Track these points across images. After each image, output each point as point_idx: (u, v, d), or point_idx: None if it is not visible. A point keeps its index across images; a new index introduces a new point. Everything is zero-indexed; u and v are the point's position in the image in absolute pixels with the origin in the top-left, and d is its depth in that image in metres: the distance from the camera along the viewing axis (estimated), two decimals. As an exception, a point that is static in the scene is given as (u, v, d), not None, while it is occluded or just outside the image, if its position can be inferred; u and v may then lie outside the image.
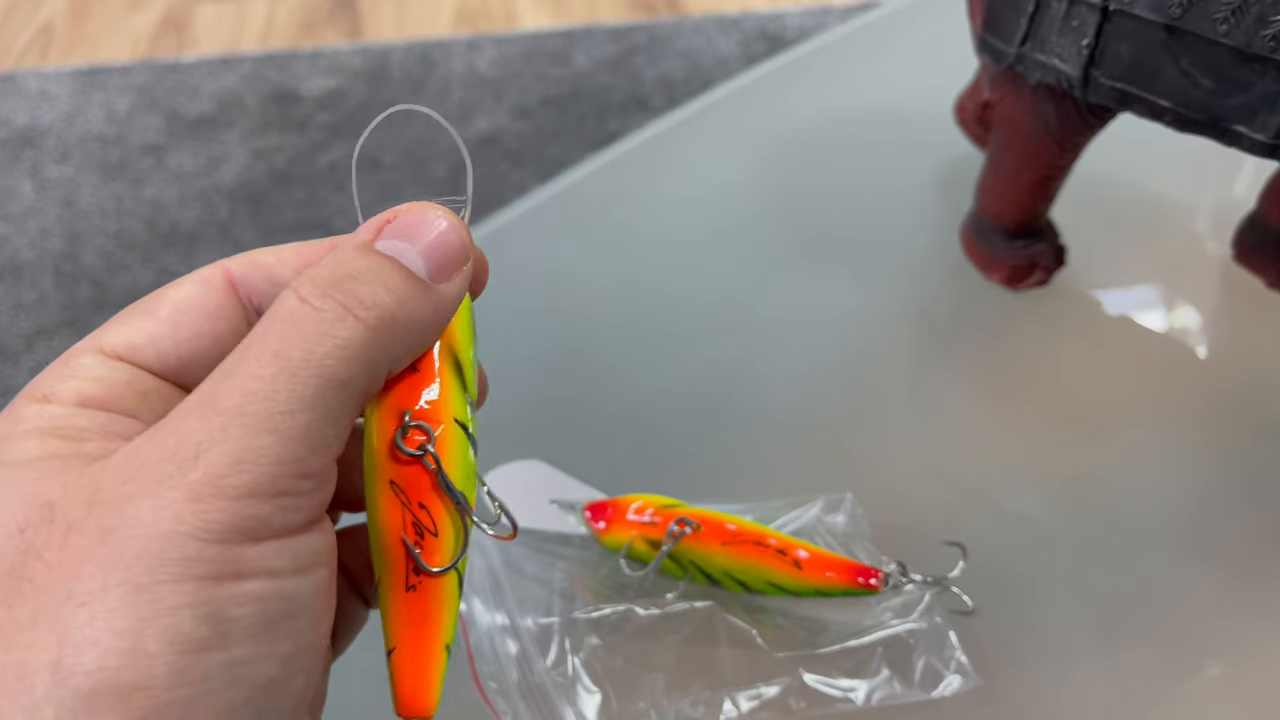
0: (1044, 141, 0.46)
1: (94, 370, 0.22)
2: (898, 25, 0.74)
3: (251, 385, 0.20)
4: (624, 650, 0.39)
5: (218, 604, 0.19)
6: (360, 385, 0.21)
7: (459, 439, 0.24)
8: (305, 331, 0.20)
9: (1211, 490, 0.47)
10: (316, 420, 0.20)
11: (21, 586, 0.18)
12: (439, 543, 0.24)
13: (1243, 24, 0.38)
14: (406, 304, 0.22)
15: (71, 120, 1.57)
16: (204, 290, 0.24)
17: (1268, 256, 0.51)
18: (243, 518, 0.19)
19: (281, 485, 0.20)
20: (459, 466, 0.24)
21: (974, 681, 0.39)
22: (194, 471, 0.19)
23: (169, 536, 0.18)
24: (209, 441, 0.19)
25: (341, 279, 0.21)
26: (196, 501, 0.19)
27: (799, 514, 0.43)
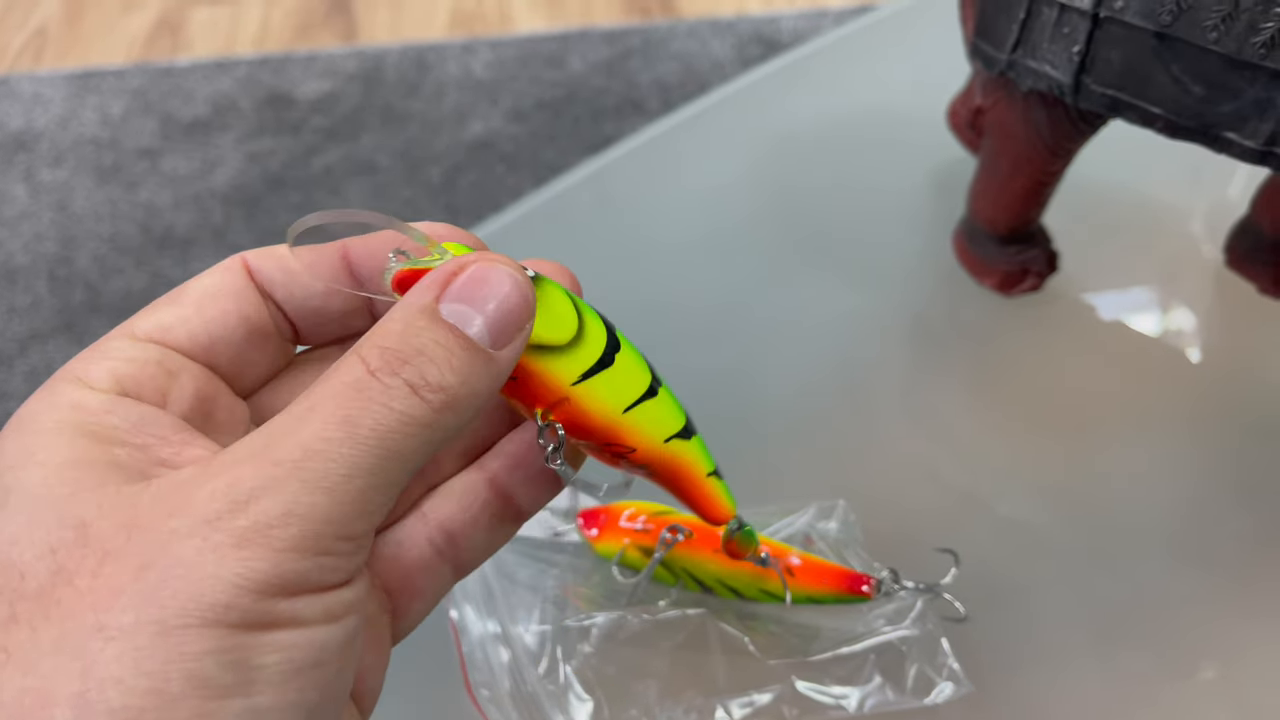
0: (1036, 147, 0.46)
1: (126, 352, 0.23)
2: (892, 29, 0.74)
3: (315, 445, 0.20)
4: (616, 658, 0.39)
5: (246, 651, 0.19)
6: (417, 459, 0.21)
7: (591, 388, 0.26)
8: (372, 403, 0.21)
9: (1205, 494, 0.47)
10: (370, 488, 0.20)
11: (49, 610, 0.18)
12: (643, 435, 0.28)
13: (1233, 31, 0.38)
14: (469, 381, 0.22)
15: (65, 124, 1.57)
16: (225, 276, 0.24)
17: (1260, 262, 0.51)
18: (284, 570, 0.19)
19: (325, 544, 0.20)
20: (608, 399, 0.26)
21: (966, 688, 0.39)
22: (243, 518, 0.19)
23: (208, 580, 0.18)
24: (263, 490, 0.19)
25: (409, 355, 0.21)
26: (241, 548, 0.19)
27: (791, 520, 0.43)
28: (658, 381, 0.28)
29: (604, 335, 0.27)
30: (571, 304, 0.26)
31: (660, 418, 0.28)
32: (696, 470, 0.30)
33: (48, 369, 1.27)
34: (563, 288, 0.26)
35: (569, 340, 0.26)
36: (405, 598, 0.27)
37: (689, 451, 0.29)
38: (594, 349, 0.26)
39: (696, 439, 0.30)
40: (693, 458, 0.29)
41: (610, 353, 0.27)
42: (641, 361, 0.28)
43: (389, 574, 0.26)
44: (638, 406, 0.27)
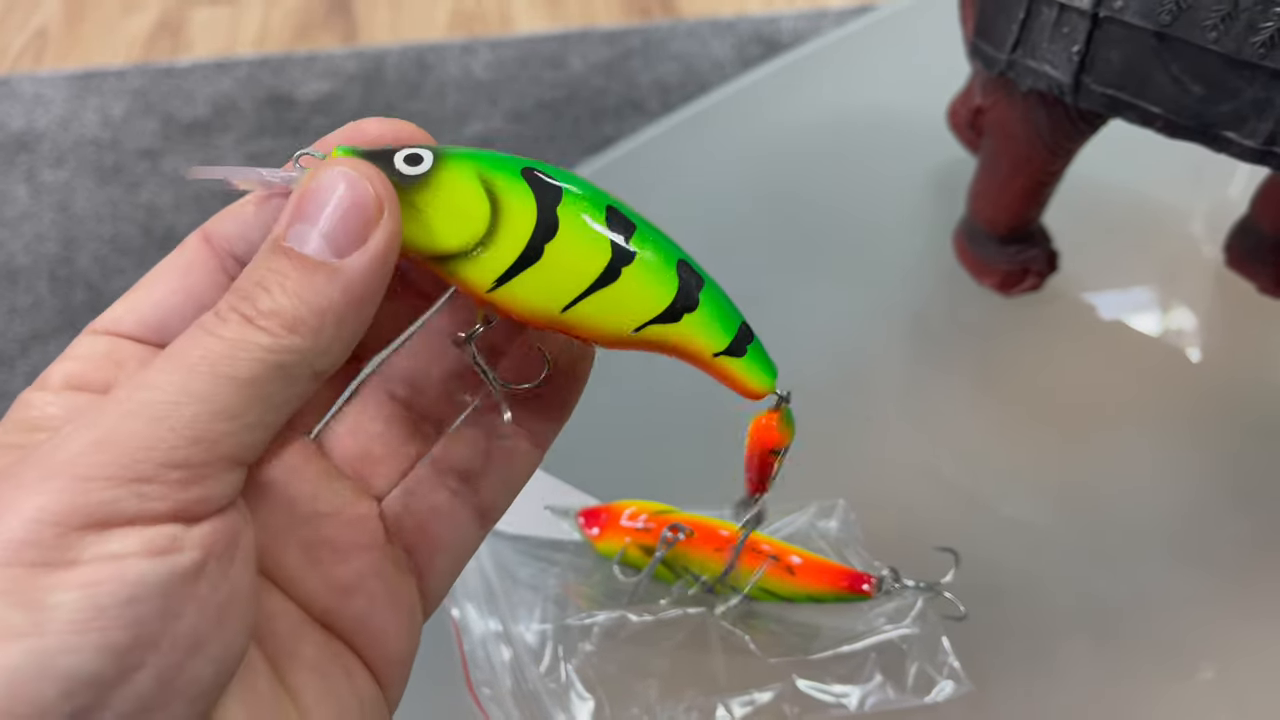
0: (1035, 147, 0.46)
1: (79, 350, 0.23)
2: (891, 29, 0.74)
3: (145, 379, 0.20)
4: (617, 657, 0.39)
5: (39, 591, 0.18)
6: (269, 386, 0.20)
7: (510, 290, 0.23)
8: (206, 339, 0.20)
9: (1205, 494, 0.47)
10: (205, 414, 0.19)
11: None
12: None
13: (1232, 31, 0.38)
14: (309, 300, 0.21)
15: (66, 124, 1.57)
16: (178, 254, 0.24)
17: (1260, 261, 0.51)
18: (90, 500, 0.18)
19: (143, 471, 0.19)
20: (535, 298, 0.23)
21: (967, 687, 0.39)
22: (58, 453, 0.19)
23: (22, 522, 0.18)
24: (84, 426, 0.19)
25: (247, 290, 0.21)
26: (45, 481, 0.18)
27: (792, 519, 0.43)
28: (626, 259, 0.23)
29: (529, 226, 0.23)
30: (485, 198, 0.23)
31: (623, 306, 0.23)
32: (698, 354, 0.25)
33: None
34: (483, 177, 0.23)
35: (471, 244, 0.23)
36: (426, 553, 0.26)
37: (679, 334, 0.24)
38: (511, 247, 0.23)
39: (691, 317, 0.24)
40: (686, 340, 0.24)
41: (538, 245, 0.23)
42: (596, 243, 0.23)
43: (402, 529, 0.26)
44: (584, 299, 0.23)
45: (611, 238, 0.23)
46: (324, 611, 0.24)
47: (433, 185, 0.23)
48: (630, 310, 0.24)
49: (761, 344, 0.26)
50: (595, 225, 0.23)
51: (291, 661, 0.23)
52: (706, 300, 0.24)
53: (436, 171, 0.23)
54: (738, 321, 0.25)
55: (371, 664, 0.24)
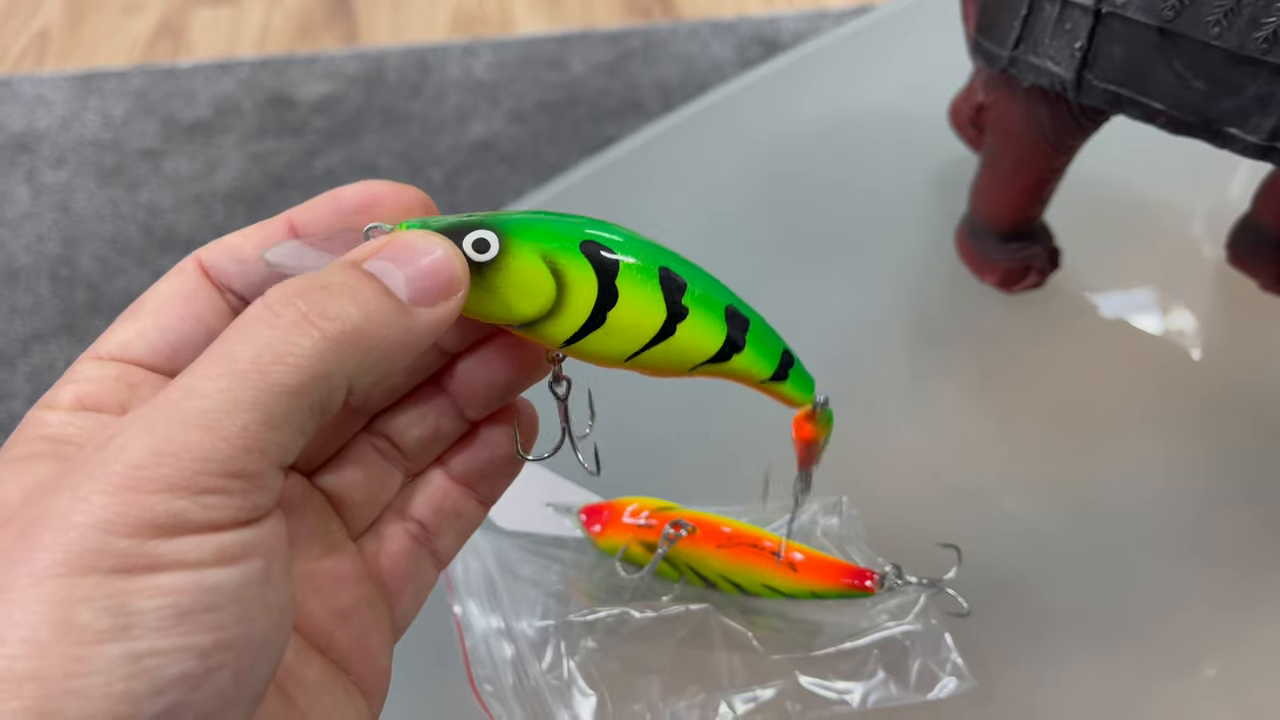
0: (1038, 144, 0.46)
1: (88, 373, 0.23)
2: (892, 29, 0.74)
3: (194, 384, 0.20)
4: (620, 653, 0.39)
5: (123, 596, 0.18)
6: (314, 395, 0.21)
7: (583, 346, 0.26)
8: (259, 336, 0.21)
9: (1207, 490, 0.47)
10: (255, 423, 0.20)
11: None
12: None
13: (1235, 26, 0.38)
14: (374, 320, 0.22)
15: (67, 125, 1.57)
16: (180, 280, 0.25)
17: (1262, 259, 0.51)
18: (157, 512, 0.19)
19: (205, 482, 0.19)
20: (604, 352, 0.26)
21: (970, 683, 0.39)
22: (116, 463, 0.19)
23: (76, 529, 0.19)
24: (136, 434, 0.19)
25: (312, 289, 0.21)
26: (110, 494, 0.19)
27: (795, 516, 0.43)
28: (680, 316, 0.27)
29: (591, 299, 0.26)
30: (550, 276, 0.25)
31: (679, 354, 0.27)
32: (748, 381, 0.29)
33: (50, 369, 1.27)
34: (548, 258, 0.25)
35: (544, 311, 0.25)
36: (396, 585, 0.28)
37: (730, 370, 0.28)
38: (576, 315, 0.26)
39: (740, 357, 0.28)
40: (737, 373, 0.28)
41: (600, 313, 0.26)
42: (653, 306, 0.26)
43: (377, 565, 0.28)
44: (649, 351, 0.27)
45: (666, 299, 0.26)
46: (325, 636, 0.26)
47: (502, 267, 0.25)
48: (685, 357, 0.27)
49: (801, 364, 0.29)
50: (651, 292, 0.26)
51: (298, 684, 0.24)
52: (752, 340, 0.28)
53: (504, 255, 0.25)
54: (779, 351, 0.29)
55: (362, 683, 0.26)
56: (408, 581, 0.28)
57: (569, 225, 0.26)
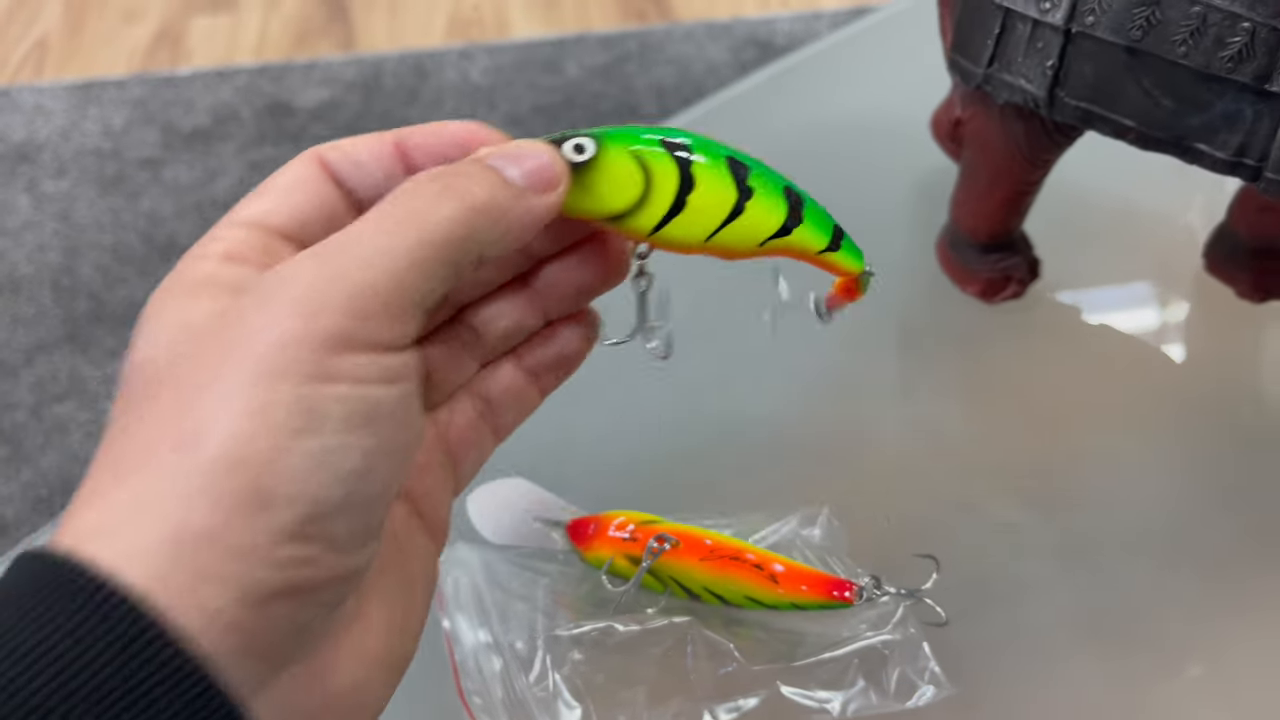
0: (1014, 159, 0.47)
1: (231, 235, 0.27)
2: (886, 34, 0.74)
3: (357, 231, 0.25)
4: (605, 665, 0.40)
5: (312, 400, 0.23)
6: (451, 253, 0.26)
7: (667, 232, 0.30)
8: (409, 202, 0.26)
9: (1188, 496, 0.48)
10: (406, 267, 0.25)
11: (167, 383, 0.24)
12: None
13: (1201, 45, 0.39)
14: (498, 198, 0.27)
15: (67, 135, 1.58)
16: (302, 168, 0.29)
17: (1238, 267, 0.52)
18: (333, 328, 0.23)
19: (370, 308, 0.24)
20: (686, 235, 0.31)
21: (948, 691, 0.40)
22: (297, 289, 0.24)
23: (276, 344, 0.23)
24: (315, 268, 0.24)
25: (448, 173, 0.27)
26: (296, 316, 0.23)
27: (777, 528, 0.44)
28: (747, 196, 0.31)
29: (674, 187, 0.30)
30: (639, 169, 0.30)
31: (749, 231, 0.31)
32: (808, 252, 0.32)
33: (53, 379, 1.28)
34: (635, 155, 0.30)
35: (631, 205, 0.30)
36: (461, 451, 0.32)
37: (792, 243, 0.32)
38: (662, 203, 0.30)
39: (800, 229, 0.32)
40: (800, 246, 0.32)
41: (682, 199, 0.30)
42: (725, 189, 0.31)
43: (447, 433, 0.32)
44: (723, 231, 0.31)
45: (735, 182, 0.31)
46: (407, 484, 0.30)
47: (599, 166, 0.30)
48: (755, 233, 0.31)
49: (850, 237, 0.33)
50: (722, 176, 0.31)
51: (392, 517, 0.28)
52: (808, 215, 0.32)
53: (600, 155, 0.30)
54: (831, 225, 0.33)
55: (429, 528, 0.30)
56: (471, 449, 0.32)
57: (649, 129, 0.31)
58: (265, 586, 0.22)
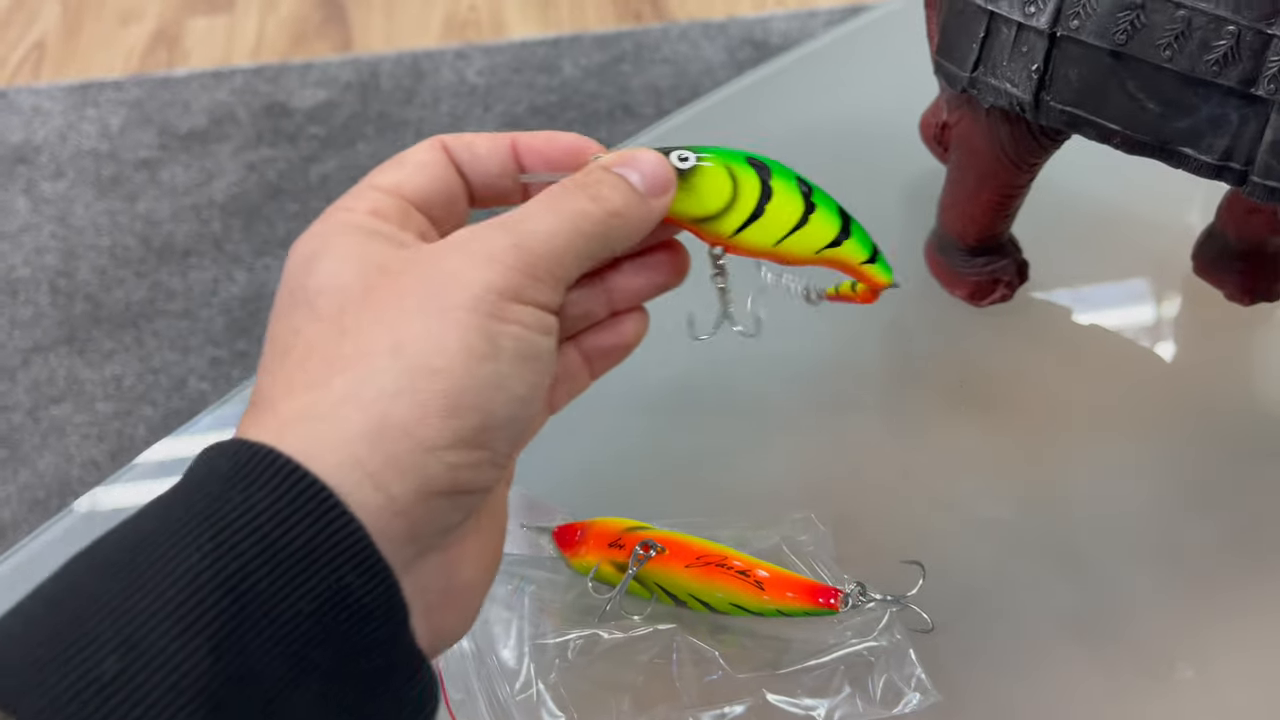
0: (1000, 162, 0.47)
1: (373, 196, 0.32)
2: (880, 34, 0.74)
3: (529, 210, 0.31)
4: (590, 674, 0.40)
5: (493, 333, 0.28)
6: (590, 247, 0.31)
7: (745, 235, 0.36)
8: (573, 199, 0.31)
9: (1173, 499, 0.48)
10: (564, 249, 0.30)
11: (365, 306, 0.28)
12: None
13: (1186, 49, 0.39)
14: (629, 206, 0.32)
15: (65, 136, 1.58)
16: (433, 152, 0.33)
17: (1225, 269, 0.52)
18: (511, 282, 0.29)
19: (537, 272, 0.29)
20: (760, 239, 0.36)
21: (934, 698, 0.39)
22: (484, 247, 0.29)
23: (467, 284, 0.28)
24: (501, 235, 0.30)
25: (590, 182, 0.32)
26: (486, 267, 0.28)
27: (763, 534, 0.44)
28: (811, 210, 0.36)
29: (756, 196, 0.36)
30: (729, 179, 0.35)
31: (810, 239, 0.37)
32: (851, 262, 0.37)
33: (50, 381, 1.28)
34: (726, 167, 0.35)
35: (721, 209, 0.35)
36: (567, 382, 0.36)
37: (841, 253, 0.37)
38: (745, 208, 0.36)
39: (849, 242, 0.37)
40: (846, 256, 0.37)
41: (761, 206, 0.36)
42: (795, 201, 0.36)
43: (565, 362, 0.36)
44: (790, 237, 0.36)
45: (802, 197, 0.36)
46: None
47: (697, 173, 0.35)
48: (814, 241, 0.37)
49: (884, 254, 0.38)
50: (793, 191, 0.36)
51: None
52: (855, 231, 0.37)
53: (700, 166, 0.35)
54: (870, 241, 0.38)
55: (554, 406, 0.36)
56: (576, 381, 0.36)
57: (736, 149, 0.36)
58: (437, 482, 0.27)
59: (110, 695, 0.23)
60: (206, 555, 0.24)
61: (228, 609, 0.24)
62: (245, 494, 0.25)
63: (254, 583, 0.24)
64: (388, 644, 0.27)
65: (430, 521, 0.28)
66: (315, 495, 0.25)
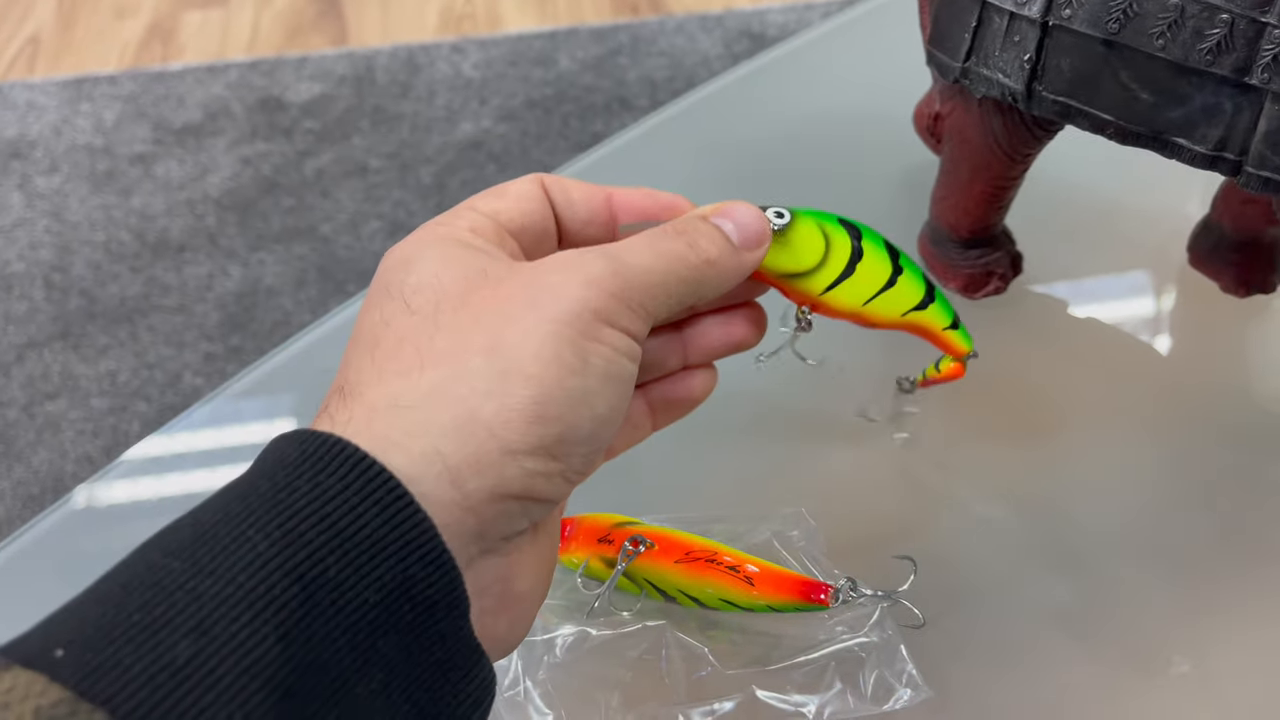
0: (993, 153, 0.47)
1: (474, 217, 0.33)
2: (874, 25, 0.74)
3: (635, 249, 0.32)
4: (578, 671, 0.40)
5: (585, 351, 0.29)
6: (682, 290, 0.32)
7: (835, 294, 0.38)
8: (672, 241, 0.32)
9: (1169, 493, 0.47)
10: (658, 286, 0.31)
11: (464, 307, 0.29)
12: None
13: (1179, 38, 0.38)
14: (722, 257, 0.33)
15: (59, 131, 1.58)
16: (532, 187, 0.35)
17: (1221, 260, 0.51)
18: (604, 305, 0.30)
19: (627, 299, 0.30)
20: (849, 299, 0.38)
21: (925, 694, 0.39)
22: (584, 272, 0.30)
23: (566, 300, 0.29)
24: (603, 261, 0.30)
25: (688, 230, 0.33)
26: (584, 287, 0.30)
27: (753, 529, 0.43)
28: (899, 272, 0.38)
29: (847, 255, 0.37)
30: (822, 237, 0.37)
31: (897, 301, 0.38)
32: (934, 327, 0.40)
33: (45, 377, 1.28)
34: (819, 225, 0.37)
35: (814, 266, 0.37)
36: (629, 428, 0.37)
37: (925, 317, 0.39)
38: (836, 267, 0.37)
39: (932, 306, 0.39)
40: (929, 321, 0.39)
41: (852, 265, 0.37)
42: (883, 263, 0.38)
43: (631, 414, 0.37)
44: (877, 298, 0.38)
45: (890, 260, 0.38)
46: None
47: (793, 229, 0.37)
48: (900, 304, 0.39)
49: (964, 324, 0.41)
50: (882, 253, 0.38)
51: None
52: (938, 297, 0.39)
53: (794, 223, 0.37)
54: (953, 308, 0.40)
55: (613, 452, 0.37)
56: (639, 431, 0.38)
57: (829, 211, 0.38)
58: (512, 485, 0.28)
59: (184, 680, 0.23)
60: (275, 543, 0.25)
61: (296, 596, 0.24)
62: (314, 481, 0.26)
63: (321, 570, 0.25)
64: (450, 637, 0.27)
65: (498, 523, 0.28)
66: (384, 484, 0.26)
